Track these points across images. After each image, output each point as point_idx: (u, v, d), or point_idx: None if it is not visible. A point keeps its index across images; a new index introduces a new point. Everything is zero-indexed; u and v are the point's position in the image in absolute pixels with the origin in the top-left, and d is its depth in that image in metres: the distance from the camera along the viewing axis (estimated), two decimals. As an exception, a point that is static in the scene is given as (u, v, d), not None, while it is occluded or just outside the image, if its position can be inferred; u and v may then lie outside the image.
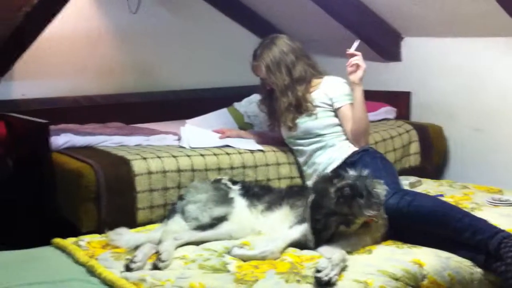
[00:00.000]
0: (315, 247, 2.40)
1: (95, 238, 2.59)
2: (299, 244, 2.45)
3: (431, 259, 2.32)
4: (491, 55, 3.75)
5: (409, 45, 4.27)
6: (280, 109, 3.19)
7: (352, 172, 2.54)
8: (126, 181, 2.84)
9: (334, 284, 2.07)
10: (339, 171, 2.62)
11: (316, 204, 2.42)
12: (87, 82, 4.24)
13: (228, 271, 2.20)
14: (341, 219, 2.40)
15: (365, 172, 2.55)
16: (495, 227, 2.41)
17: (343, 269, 2.19)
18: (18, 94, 3.92)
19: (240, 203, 2.70)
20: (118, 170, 2.86)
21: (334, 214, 2.38)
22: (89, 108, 4.14)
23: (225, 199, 2.68)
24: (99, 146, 3.24)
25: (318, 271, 2.07)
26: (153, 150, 3.11)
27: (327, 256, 2.25)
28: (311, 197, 2.44)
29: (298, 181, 3.26)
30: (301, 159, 3.24)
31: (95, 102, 4.21)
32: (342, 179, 2.45)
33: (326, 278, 2.05)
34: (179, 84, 4.61)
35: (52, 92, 4.06)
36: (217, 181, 2.87)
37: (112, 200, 2.79)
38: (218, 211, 2.60)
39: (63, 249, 2.47)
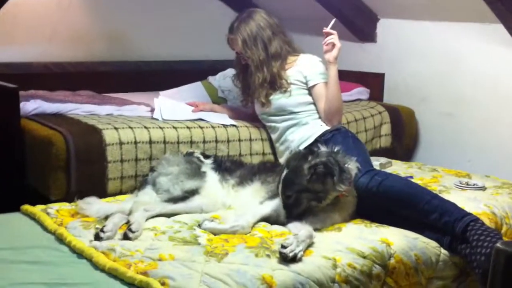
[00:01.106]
0: (286, 221, 2.42)
1: (64, 206, 2.56)
2: (270, 220, 2.47)
3: (398, 239, 2.35)
4: (466, 40, 3.79)
5: (385, 27, 4.28)
6: (254, 84, 3.18)
7: (324, 148, 2.56)
8: (97, 151, 2.80)
9: (299, 260, 2.09)
10: (312, 148, 2.62)
11: (289, 180, 2.43)
12: (57, 49, 4.15)
13: (199, 243, 2.20)
14: (312, 196, 2.42)
15: (337, 148, 2.57)
16: (462, 210, 2.45)
17: (310, 245, 2.21)
18: (-16, 58, 3.83)
19: (212, 177, 2.71)
20: (89, 139, 2.82)
21: (306, 190, 2.40)
22: (59, 75, 4.06)
23: (197, 173, 2.68)
24: (69, 114, 3.19)
25: (284, 247, 2.09)
26: (125, 121, 3.08)
27: (295, 233, 2.27)
28: (284, 173, 2.45)
29: (270, 157, 3.26)
30: (273, 136, 3.24)
31: (66, 69, 4.14)
32: (316, 156, 2.45)
33: (291, 254, 2.07)
34: (152, 55, 4.54)
35: (20, 57, 3.96)
36: (189, 154, 2.86)
37: (82, 169, 2.76)
38: (190, 184, 2.59)
39: (31, 216, 2.45)
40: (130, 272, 1.94)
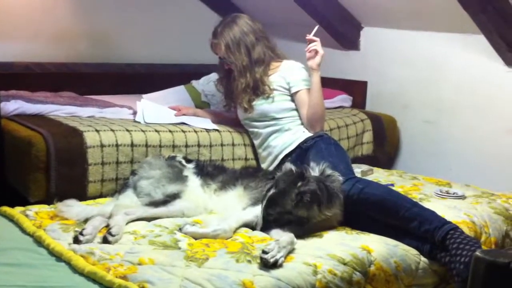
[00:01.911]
0: (260, 230, 2.43)
1: (43, 208, 2.53)
2: (251, 225, 2.47)
3: (379, 246, 2.36)
4: (447, 50, 3.83)
5: (368, 35, 4.30)
6: (237, 89, 3.17)
7: (315, 172, 2.53)
8: (78, 153, 2.77)
9: (280, 266, 2.08)
10: (303, 171, 2.52)
11: (274, 201, 2.43)
12: (39, 49, 4.10)
13: (179, 248, 2.19)
14: (294, 219, 2.42)
15: (328, 169, 2.54)
16: (442, 219, 2.47)
17: (291, 251, 2.21)
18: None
19: (193, 181, 2.70)
20: (69, 141, 2.79)
21: (288, 214, 2.41)
22: (40, 75, 4.01)
23: (178, 177, 2.66)
24: (50, 115, 3.15)
25: (265, 252, 2.09)
26: (106, 123, 3.05)
27: (276, 238, 2.27)
28: (271, 192, 2.44)
29: (252, 162, 3.26)
30: (256, 142, 3.24)
31: (47, 70, 4.08)
32: (306, 183, 2.42)
33: (272, 260, 2.07)
34: (136, 57, 4.51)
35: (1, 56, 3.90)
36: (171, 158, 2.85)
37: (63, 171, 2.73)
38: (171, 188, 2.58)
39: (10, 218, 2.42)
40: (109, 276, 1.92)
